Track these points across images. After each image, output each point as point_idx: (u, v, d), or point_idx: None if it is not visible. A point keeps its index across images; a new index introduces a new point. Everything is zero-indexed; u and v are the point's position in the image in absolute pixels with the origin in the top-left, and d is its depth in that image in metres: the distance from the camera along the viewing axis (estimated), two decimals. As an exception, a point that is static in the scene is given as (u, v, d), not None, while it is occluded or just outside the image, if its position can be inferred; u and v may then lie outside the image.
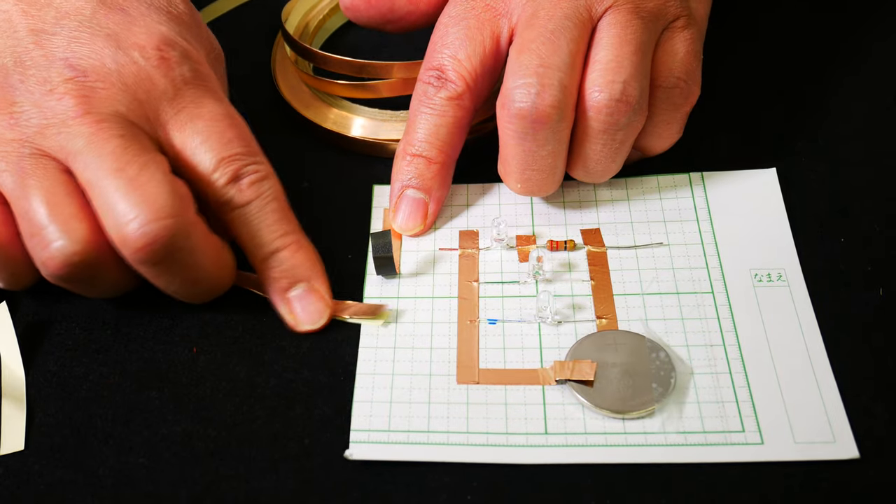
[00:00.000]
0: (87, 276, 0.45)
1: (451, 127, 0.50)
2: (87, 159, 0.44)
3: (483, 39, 0.50)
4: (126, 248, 0.44)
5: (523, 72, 0.47)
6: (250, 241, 0.47)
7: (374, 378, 0.46)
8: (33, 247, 0.45)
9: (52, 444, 0.44)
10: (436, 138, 0.50)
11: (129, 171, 0.44)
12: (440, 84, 0.50)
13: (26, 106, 0.45)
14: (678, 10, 0.49)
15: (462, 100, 0.50)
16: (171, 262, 0.45)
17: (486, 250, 0.51)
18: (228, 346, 0.48)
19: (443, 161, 0.51)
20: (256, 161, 0.48)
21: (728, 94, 0.58)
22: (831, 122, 0.56)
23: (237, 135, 0.47)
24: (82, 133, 0.45)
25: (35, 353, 0.48)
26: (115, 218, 0.43)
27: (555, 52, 0.47)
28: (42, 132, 0.45)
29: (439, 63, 0.50)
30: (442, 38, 0.50)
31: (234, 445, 0.44)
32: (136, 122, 0.46)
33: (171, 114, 0.47)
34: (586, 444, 0.43)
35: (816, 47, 0.61)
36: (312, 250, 0.49)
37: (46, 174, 0.45)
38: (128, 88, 0.46)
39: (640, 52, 0.47)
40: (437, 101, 0.50)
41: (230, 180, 0.47)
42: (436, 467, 0.43)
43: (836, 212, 0.51)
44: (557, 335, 0.47)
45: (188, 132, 0.47)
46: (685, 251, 0.50)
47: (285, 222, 0.48)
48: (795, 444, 0.42)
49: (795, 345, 0.46)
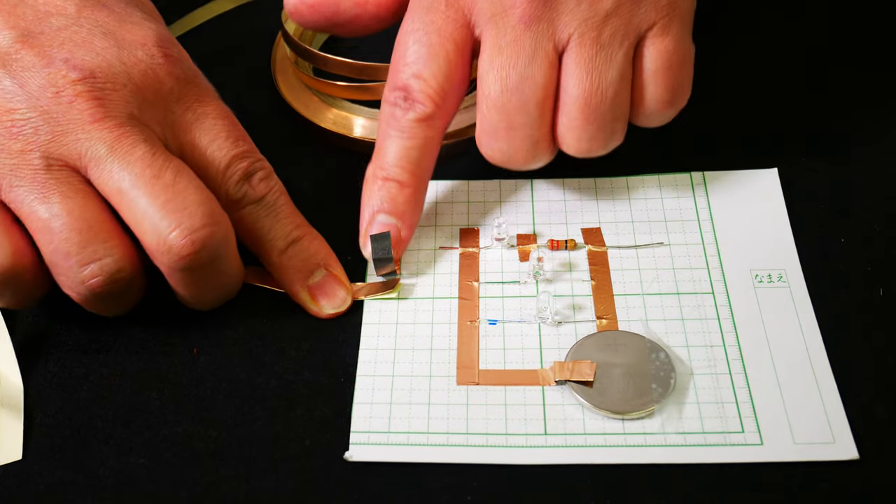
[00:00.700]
0: (124, 290, 0.45)
1: (423, 149, 0.48)
2: (112, 167, 0.43)
3: (447, 53, 0.47)
4: (170, 255, 0.43)
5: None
6: (266, 235, 0.48)
7: (374, 380, 0.46)
8: (69, 267, 0.43)
9: (53, 444, 0.44)
10: (407, 161, 0.48)
11: (164, 177, 0.43)
12: (407, 105, 0.48)
13: (29, 113, 0.43)
14: (652, 17, 0.47)
15: (432, 120, 0.48)
16: (209, 268, 0.45)
17: (486, 249, 0.51)
18: (229, 347, 0.48)
19: (415, 185, 0.49)
20: (261, 159, 0.48)
21: (729, 94, 0.58)
22: (832, 123, 0.56)
23: (241, 134, 0.48)
24: (103, 139, 0.43)
25: (35, 353, 0.48)
26: (156, 227, 0.43)
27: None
28: (56, 140, 0.43)
29: (403, 83, 0.48)
30: (403, 56, 0.48)
31: (234, 446, 0.44)
32: (148, 124, 0.45)
33: (179, 113, 0.46)
34: (586, 445, 0.43)
35: (817, 46, 0.61)
36: (324, 241, 0.49)
37: (72, 188, 0.43)
38: (138, 89, 0.45)
39: (612, 87, 0.47)
40: (405, 123, 0.48)
41: (242, 177, 0.47)
42: (436, 468, 0.43)
43: (837, 212, 0.51)
44: (557, 335, 0.47)
45: (196, 132, 0.46)
46: (686, 251, 0.50)
47: (296, 216, 0.49)
48: (795, 445, 0.42)
49: (795, 345, 0.46)
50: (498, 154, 0.49)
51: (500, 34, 0.47)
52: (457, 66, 0.48)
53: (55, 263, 0.44)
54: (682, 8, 0.48)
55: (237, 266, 0.47)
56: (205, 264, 0.44)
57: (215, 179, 0.46)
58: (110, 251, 0.43)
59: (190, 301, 0.47)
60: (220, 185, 0.47)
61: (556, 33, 0.46)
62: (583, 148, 0.48)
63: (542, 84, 0.47)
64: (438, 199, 0.54)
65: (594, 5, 0.46)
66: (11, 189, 0.43)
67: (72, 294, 0.45)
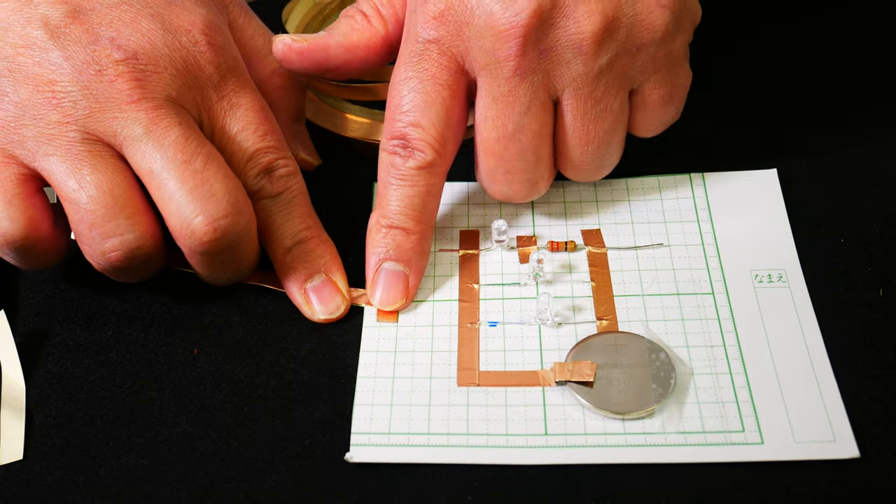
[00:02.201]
0: (143, 264, 0.46)
1: (426, 196, 0.48)
2: (146, 148, 0.44)
3: (444, 100, 0.47)
4: (192, 239, 0.44)
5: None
6: (275, 232, 0.48)
7: (374, 381, 0.46)
8: (92, 238, 0.44)
9: (53, 444, 0.44)
10: (411, 209, 0.48)
11: (195, 163, 0.44)
12: (407, 154, 0.48)
13: (70, 87, 0.44)
14: (649, 70, 0.48)
15: (433, 167, 0.48)
16: (228, 253, 0.46)
17: (486, 251, 0.51)
18: (229, 347, 0.48)
19: (421, 231, 0.49)
20: (287, 156, 0.49)
21: (729, 94, 0.58)
22: (832, 123, 0.56)
23: (272, 129, 0.48)
24: (140, 119, 0.44)
25: (36, 354, 0.48)
26: (182, 211, 0.44)
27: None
28: (93, 116, 0.44)
29: (402, 132, 0.48)
30: (399, 105, 0.48)
31: (234, 446, 0.44)
32: (185, 107, 0.46)
33: (215, 100, 0.47)
34: (586, 445, 0.43)
35: (817, 45, 0.61)
36: (332, 247, 0.50)
37: (103, 162, 0.44)
38: (178, 73, 0.46)
39: (608, 135, 0.48)
40: (406, 172, 0.48)
41: (263, 170, 0.47)
42: (436, 469, 0.43)
43: (837, 212, 0.51)
44: (558, 336, 0.47)
45: (228, 120, 0.47)
46: (685, 252, 0.50)
47: (309, 217, 0.49)
48: (795, 444, 0.42)
49: (795, 344, 0.46)
50: (498, 194, 0.50)
51: (494, 84, 0.47)
52: (453, 111, 0.48)
53: (80, 232, 0.45)
54: (678, 51, 0.49)
55: (255, 252, 0.48)
56: (224, 250, 0.45)
57: (238, 168, 0.47)
58: (133, 227, 0.44)
59: (206, 278, 0.48)
60: (241, 174, 0.47)
61: (550, 84, 0.47)
62: (584, 179, 0.51)
63: (538, 132, 0.48)
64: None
65: (588, 63, 0.46)
66: (46, 157, 0.44)
67: (92, 262, 0.46)
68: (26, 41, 0.45)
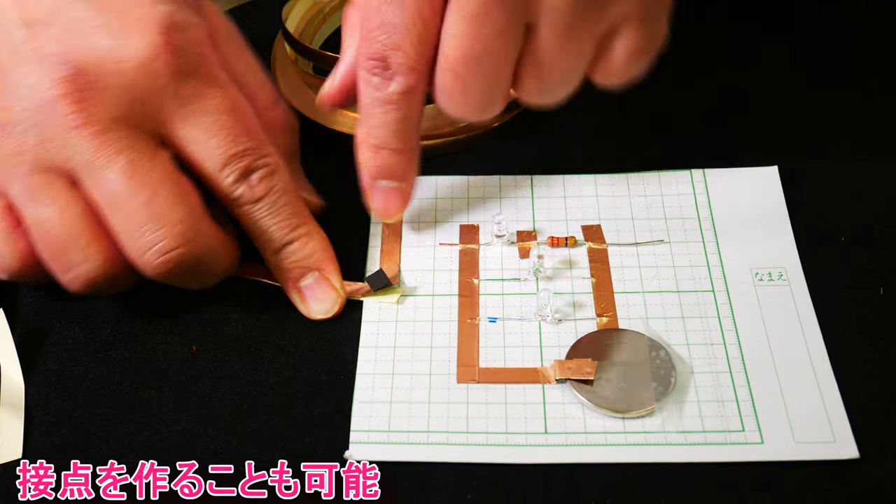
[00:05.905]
0: (109, 286, 0.46)
1: (411, 116, 0.47)
2: (92, 179, 0.44)
3: (424, 19, 0.44)
4: (148, 270, 0.44)
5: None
6: (262, 235, 0.48)
7: (374, 378, 0.46)
8: (55, 269, 0.45)
9: (53, 443, 0.44)
10: (399, 131, 0.47)
11: (140, 196, 0.43)
12: (388, 76, 0.45)
13: (21, 114, 0.43)
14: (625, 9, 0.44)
15: (416, 89, 0.46)
16: (192, 273, 0.46)
17: (486, 246, 0.51)
18: (228, 344, 0.48)
19: (411, 148, 0.48)
20: (265, 154, 0.47)
21: (729, 91, 0.58)
22: (832, 120, 0.56)
23: (244, 129, 0.46)
24: (85, 147, 0.43)
25: (35, 352, 0.48)
26: (131, 245, 0.44)
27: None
28: (43, 145, 0.43)
29: (381, 54, 0.45)
30: (379, 25, 0.45)
31: (233, 444, 0.44)
32: (138, 124, 0.44)
33: (175, 107, 0.45)
34: (586, 444, 0.43)
35: (817, 44, 0.61)
36: (323, 238, 0.49)
37: (57, 194, 0.44)
38: (129, 87, 0.44)
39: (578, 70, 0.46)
40: (388, 96, 0.46)
41: (239, 177, 0.46)
42: (436, 467, 0.43)
43: (837, 210, 0.51)
44: (558, 333, 0.47)
45: (194, 128, 0.45)
46: (686, 249, 0.50)
47: (295, 215, 0.48)
48: (795, 444, 0.42)
49: (796, 343, 0.46)
50: (451, 111, 0.47)
51: (469, 1, 0.44)
52: (433, 24, 0.45)
53: (44, 262, 0.45)
54: (664, 2, 0.46)
55: (226, 261, 0.47)
56: (184, 275, 0.45)
57: (210, 178, 0.46)
58: (89, 258, 0.44)
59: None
60: (215, 184, 0.46)
61: (527, 9, 0.44)
62: (535, 106, 0.48)
63: (505, 56, 0.45)
64: (438, 195, 0.54)
65: None
66: (9, 188, 0.44)
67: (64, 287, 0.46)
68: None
